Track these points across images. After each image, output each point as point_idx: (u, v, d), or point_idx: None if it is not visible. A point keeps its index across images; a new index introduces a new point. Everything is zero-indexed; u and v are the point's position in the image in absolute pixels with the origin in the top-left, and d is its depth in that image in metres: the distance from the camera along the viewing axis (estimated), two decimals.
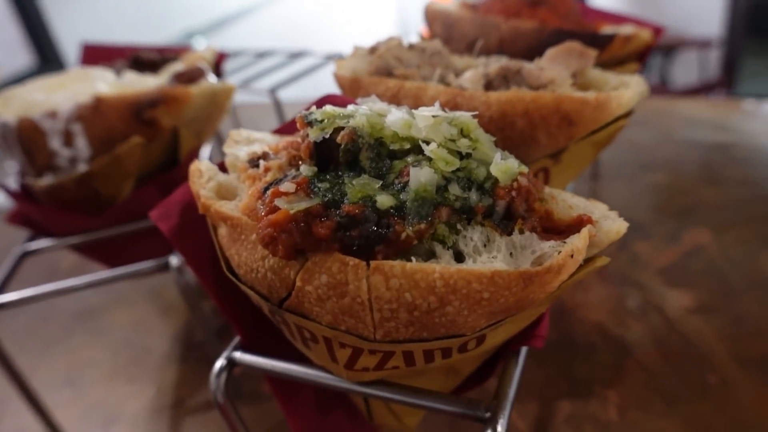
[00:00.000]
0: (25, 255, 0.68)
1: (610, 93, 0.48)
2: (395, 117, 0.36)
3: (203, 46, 0.96)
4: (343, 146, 0.36)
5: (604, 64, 0.68)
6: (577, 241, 0.32)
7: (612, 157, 1.03)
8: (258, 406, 0.66)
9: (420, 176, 0.33)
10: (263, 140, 0.49)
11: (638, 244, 0.81)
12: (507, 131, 0.49)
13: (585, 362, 0.65)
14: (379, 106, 0.39)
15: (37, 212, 0.68)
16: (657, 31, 0.71)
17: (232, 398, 0.45)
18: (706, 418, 0.56)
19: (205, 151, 0.80)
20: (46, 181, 0.65)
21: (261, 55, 1.28)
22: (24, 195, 0.70)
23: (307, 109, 0.41)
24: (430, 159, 0.35)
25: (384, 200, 0.33)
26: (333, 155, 0.37)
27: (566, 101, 0.47)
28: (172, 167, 0.71)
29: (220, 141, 1.06)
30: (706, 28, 3.51)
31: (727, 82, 3.49)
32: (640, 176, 0.97)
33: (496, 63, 0.53)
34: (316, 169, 0.37)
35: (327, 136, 0.37)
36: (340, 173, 0.36)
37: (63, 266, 1.00)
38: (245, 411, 0.66)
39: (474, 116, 0.38)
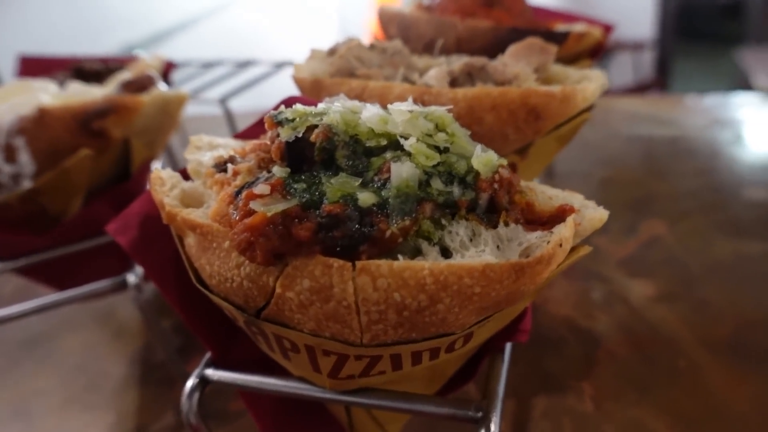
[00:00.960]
0: None
1: (575, 86, 0.48)
2: (371, 113, 0.35)
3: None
4: (318, 144, 0.35)
5: (559, 61, 0.69)
6: (564, 230, 0.32)
7: (563, 155, 1.05)
8: (228, 425, 0.63)
9: (402, 171, 0.32)
10: (227, 145, 0.47)
11: (598, 238, 0.82)
12: (475, 127, 0.49)
13: (556, 356, 0.65)
14: (351, 103, 0.38)
15: None
16: (607, 29, 0.73)
17: (206, 419, 0.43)
18: (678, 404, 0.57)
19: (156, 165, 0.76)
20: None
21: (207, 65, 1.24)
22: None
23: (275, 109, 0.40)
24: (409, 154, 0.34)
25: (366, 198, 0.32)
26: (306, 155, 0.36)
27: (533, 95, 0.47)
28: (123, 180, 0.67)
29: (170, 154, 1.02)
30: (638, 30, 3.66)
31: (660, 82, 3.65)
32: (592, 173, 0.99)
33: (460, 60, 0.53)
34: (289, 169, 0.36)
35: (299, 135, 0.36)
36: (315, 173, 0.35)
37: (5, 291, 0.94)
38: (228, 425, 0.63)
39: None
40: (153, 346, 0.79)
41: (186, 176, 0.44)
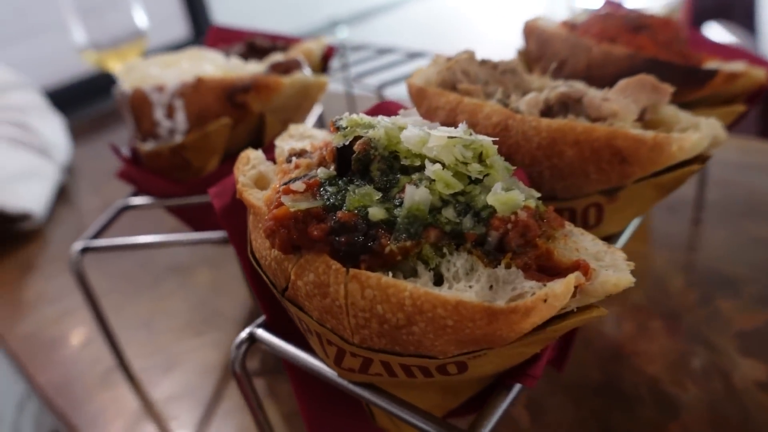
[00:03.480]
0: (124, 209, 0.76)
1: (671, 135, 0.44)
2: (411, 133, 0.37)
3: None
4: (355, 155, 0.37)
5: (706, 102, 0.63)
6: (557, 287, 0.31)
7: (719, 200, 0.94)
8: (284, 383, 0.70)
9: (415, 195, 0.34)
10: (315, 137, 0.51)
11: (723, 301, 0.74)
12: (555, 160, 0.48)
13: (625, 414, 0.61)
14: (402, 120, 0.39)
15: (137, 173, 0.76)
16: None
17: (247, 371, 0.49)
18: None
19: (310, 121, 0.83)
20: (148, 146, 0.73)
21: (382, 51, 1.31)
22: (132, 156, 0.79)
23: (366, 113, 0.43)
24: (432, 180, 0.35)
25: (376, 212, 0.34)
26: (351, 162, 0.39)
27: (620, 137, 0.45)
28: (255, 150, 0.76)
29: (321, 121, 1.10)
30: None
31: None
32: (746, 226, 0.88)
33: (557, 89, 0.51)
34: (334, 173, 0.39)
35: (347, 143, 0.39)
36: (353, 180, 0.38)
37: (169, 221, 1.11)
38: (280, 386, 0.70)
39: (523, 140, 0.38)
40: None
41: (273, 159, 0.50)
